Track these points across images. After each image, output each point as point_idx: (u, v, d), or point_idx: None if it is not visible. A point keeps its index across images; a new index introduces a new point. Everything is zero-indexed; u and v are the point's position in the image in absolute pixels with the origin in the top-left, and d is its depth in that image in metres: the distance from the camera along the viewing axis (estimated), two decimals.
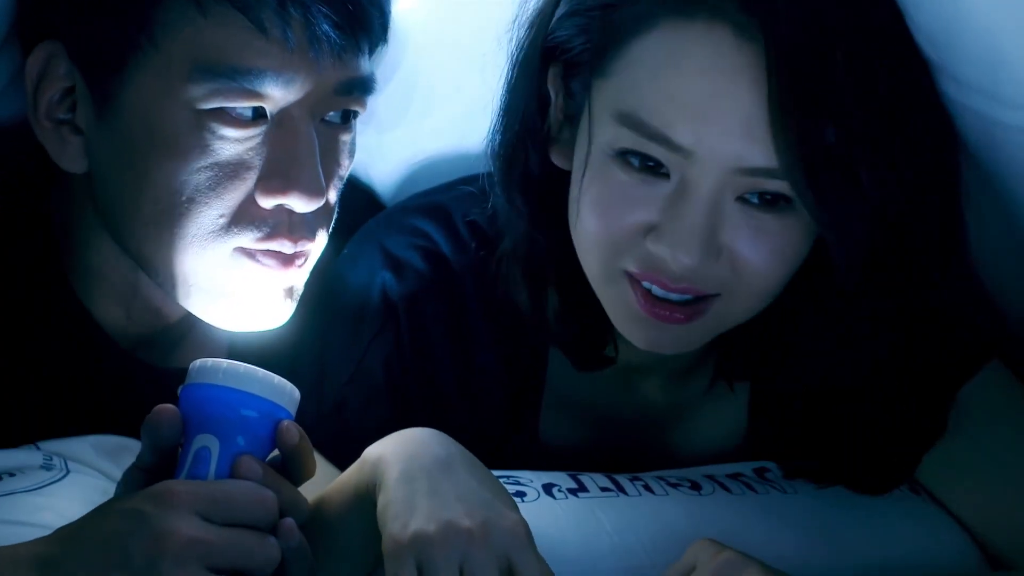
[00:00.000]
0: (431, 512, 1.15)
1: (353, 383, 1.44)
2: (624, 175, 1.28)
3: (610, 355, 1.46)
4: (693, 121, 1.23)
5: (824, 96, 1.22)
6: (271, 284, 1.36)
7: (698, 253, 1.25)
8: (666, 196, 1.26)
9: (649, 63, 1.26)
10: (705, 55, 1.23)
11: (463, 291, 1.46)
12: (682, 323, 1.31)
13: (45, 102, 1.34)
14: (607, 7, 1.29)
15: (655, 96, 1.25)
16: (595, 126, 1.30)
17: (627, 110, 1.26)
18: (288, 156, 1.32)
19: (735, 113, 1.22)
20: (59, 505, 1.28)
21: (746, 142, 1.23)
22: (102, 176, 1.35)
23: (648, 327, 1.32)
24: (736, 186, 1.25)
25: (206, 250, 1.32)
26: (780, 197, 1.26)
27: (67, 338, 1.41)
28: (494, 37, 1.39)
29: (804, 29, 1.21)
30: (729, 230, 1.26)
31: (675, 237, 1.26)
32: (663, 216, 1.27)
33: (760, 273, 1.29)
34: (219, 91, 1.28)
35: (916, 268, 1.33)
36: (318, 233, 1.37)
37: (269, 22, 1.28)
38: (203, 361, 1.18)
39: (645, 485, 1.43)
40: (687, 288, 1.29)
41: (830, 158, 1.22)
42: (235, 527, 1.11)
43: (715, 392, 1.51)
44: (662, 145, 1.24)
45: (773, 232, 1.27)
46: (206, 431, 1.16)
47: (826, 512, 1.45)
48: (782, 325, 1.40)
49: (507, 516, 1.17)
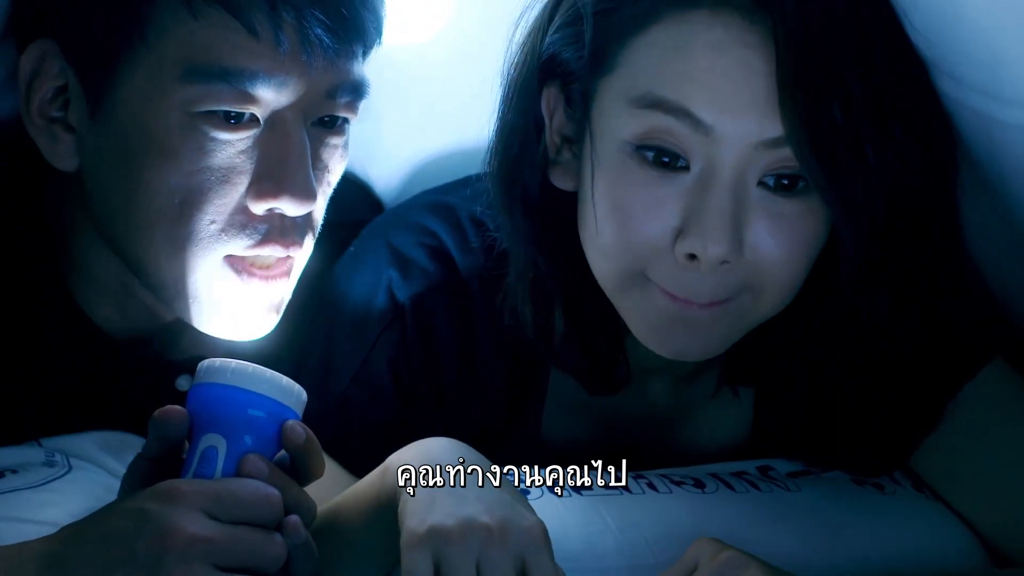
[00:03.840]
0: (451, 508, 1.15)
1: (358, 381, 1.44)
2: (641, 171, 1.28)
3: (621, 378, 1.46)
4: (711, 97, 1.24)
5: (828, 73, 1.23)
6: (258, 297, 1.36)
7: (727, 240, 1.25)
8: (688, 190, 1.27)
9: (658, 49, 1.27)
10: (716, 34, 1.24)
11: (469, 291, 1.46)
12: (706, 312, 1.30)
13: (38, 100, 1.33)
14: (604, 12, 1.29)
15: (670, 76, 1.26)
16: (606, 124, 1.30)
17: (642, 93, 1.27)
18: (280, 159, 1.31)
19: (751, 87, 1.24)
20: (62, 501, 1.28)
21: (764, 115, 1.24)
22: (94, 176, 1.35)
23: (673, 333, 1.32)
24: (756, 165, 1.26)
25: (196, 256, 1.32)
26: (798, 179, 1.27)
27: (64, 335, 1.41)
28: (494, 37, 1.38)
29: (808, 11, 1.23)
30: (753, 221, 1.27)
31: (702, 227, 1.26)
32: (687, 213, 1.27)
33: (782, 264, 1.29)
34: (211, 93, 1.28)
35: (918, 263, 1.34)
36: (306, 239, 1.36)
37: (260, 25, 1.27)
38: (211, 361, 1.18)
39: (649, 483, 1.43)
40: (713, 303, 1.29)
41: (836, 132, 1.23)
42: (240, 525, 1.11)
43: (721, 394, 1.51)
44: (683, 121, 1.25)
45: (793, 218, 1.28)
46: (213, 430, 1.16)
47: (830, 510, 1.45)
48: (787, 330, 1.40)
49: (526, 517, 1.17)
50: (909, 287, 1.36)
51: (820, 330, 1.39)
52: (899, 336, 1.39)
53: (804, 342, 1.41)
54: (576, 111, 1.34)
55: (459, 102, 1.58)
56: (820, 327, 1.39)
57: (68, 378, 1.41)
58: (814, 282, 1.34)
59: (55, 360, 1.41)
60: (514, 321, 1.43)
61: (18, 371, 1.38)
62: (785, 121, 1.23)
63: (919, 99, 1.30)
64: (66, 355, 1.41)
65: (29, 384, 1.39)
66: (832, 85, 1.23)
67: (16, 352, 1.38)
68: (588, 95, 1.32)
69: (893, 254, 1.32)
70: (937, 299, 1.40)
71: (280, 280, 1.36)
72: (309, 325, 1.48)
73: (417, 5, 1.56)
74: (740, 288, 1.30)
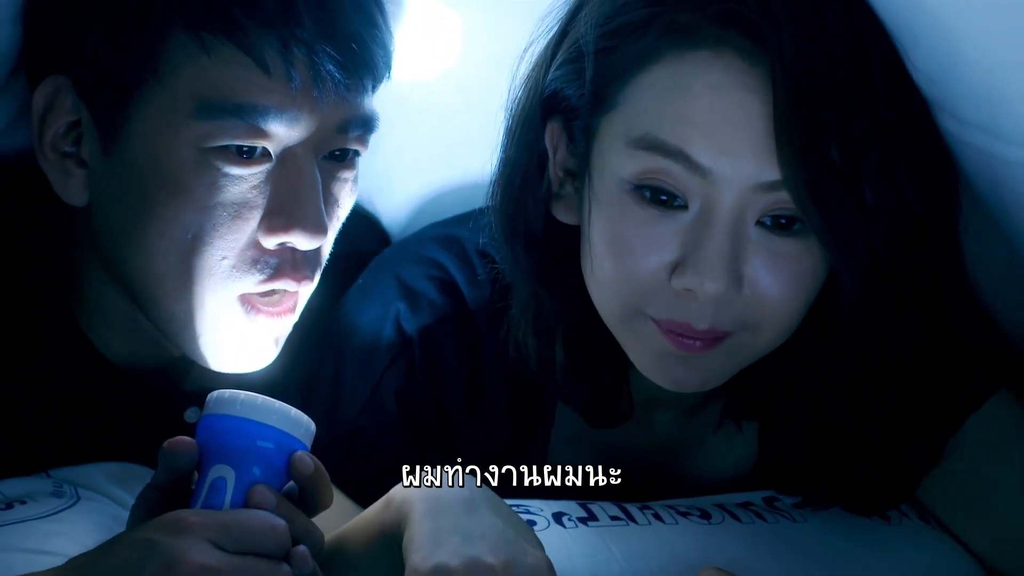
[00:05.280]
0: (455, 548, 1.15)
1: (366, 412, 1.45)
2: (640, 210, 1.28)
3: (623, 411, 1.46)
4: (710, 140, 1.24)
5: (827, 115, 1.23)
6: (262, 333, 1.36)
7: (725, 278, 1.26)
8: (686, 228, 1.27)
9: (658, 89, 1.27)
10: (715, 76, 1.24)
11: (476, 323, 1.46)
12: (705, 351, 1.31)
13: (51, 134, 1.34)
14: (605, 50, 1.29)
15: (669, 118, 1.25)
16: (606, 161, 1.30)
17: (641, 134, 1.27)
18: (291, 194, 1.32)
19: (749, 130, 1.23)
20: (70, 532, 1.28)
21: (762, 157, 1.23)
22: (105, 211, 1.35)
23: (673, 365, 1.32)
24: (754, 206, 1.26)
25: (207, 291, 1.33)
26: (796, 219, 1.27)
27: (72, 366, 1.41)
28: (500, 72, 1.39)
29: (808, 51, 1.23)
30: (751, 258, 1.27)
31: (700, 265, 1.26)
32: (685, 249, 1.27)
33: (781, 301, 1.29)
34: (223, 128, 1.28)
35: (920, 298, 1.34)
36: (316, 273, 1.37)
37: (272, 61, 1.28)
38: (220, 392, 1.19)
39: (655, 514, 1.43)
40: (711, 331, 1.29)
41: (835, 175, 1.23)
42: (248, 555, 1.11)
43: (724, 427, 1.51)
44: (680, 164, 1.25)
45: (791, 257, 1.28)
46: (222, 461, 1.17)
47: (836, 541, 1.45)
48: (787, 365, 1.40)
49: (530, 554, 1.17)
50: (911, 321, 1.36)
51: (820, 365, 1.39)
52: (902, 369, 1.39)
53: (804, 377, 1.41)
54: (578, 146, 1.34)
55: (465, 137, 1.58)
56: (820, 362, 1.39)
57: (76, 409, 1.42)
58: (814, 317, 1.34)
59: (64, 391, 1.41)
60: (518, 354, 1.44)
61: (27, 401, 1.39)
62: (782, 165, 1.23)
63: (921, 137, 1.30)
64: (74, 386, 1.41)
65: (38, 415, 1.39)
66: (831, 127, 1.23)
67: (25, 382, 1.39)
68: (589, 132, 1.32)
69: (894, 290, 1.32)
70: (940, 332, 1.40)
71: (286, 316, 1.37)
72: (317, 356, 1.49)
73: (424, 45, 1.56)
74: (739, 324, 1.30)
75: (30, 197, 1.40)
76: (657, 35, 1.27)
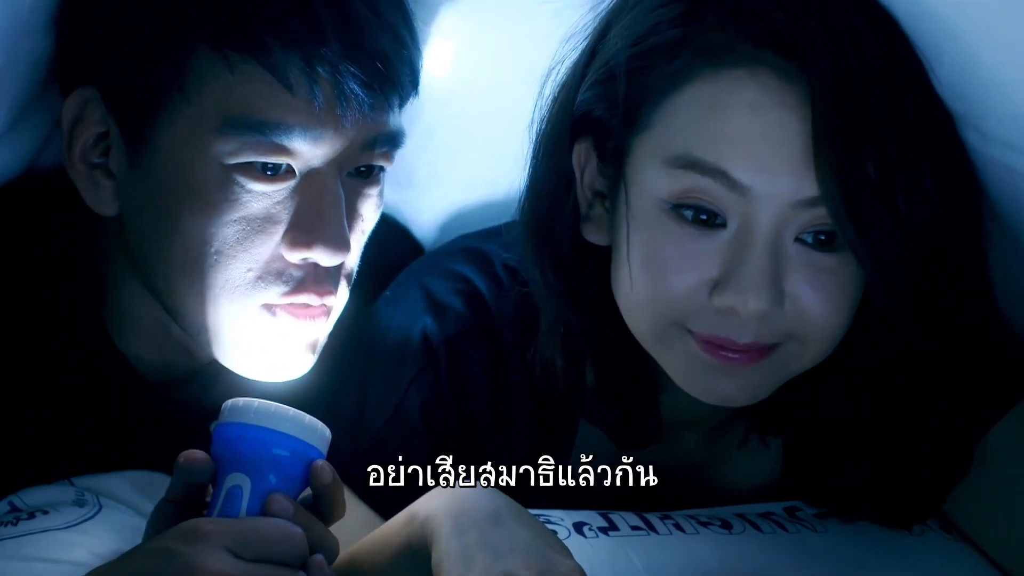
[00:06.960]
0: (488, 565, 1.14)
1: (391, 424, 1.44)
2: (678, 228, 1.28)
3: (652, 433, 1.45)
4: (748, 158, 1.24)
5: (863, 131, 1.23)
6: (295, 337, 1.37)
7: (767, 296, 1.26)
8: (725, 245, 1.27)
9: (694, 109, 1.26)
10: (752, 95, 1.24)
11: (502, 337, 1.46)
12: (749, 364, 1.31)
13: (79, 146, 1.35)
14: (638, 71, 1.29)
15: (706, 137, 1.25)
16: (641, 180, 1.30)
17: (678, 153, 1.26)
18: (314, 210, 1.32)
19: (788, 147, 1.23)
20: (92, 543, 1.29)
21: (801, 174, 1.24)
22: (133, 221, 1.37)
23: (717, 379, 1.32)
24: (793, 223, 1.26)
25: (233, 303, 1.33)
26: (835, 234, 1.27)
27: (100, 376, 1.42)
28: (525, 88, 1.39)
29: (845, 68, 1.23)
30: (792, 274, 1.27)
31: (742, 284, 1.26)
32: (725, 267, 1.27)
33: (825, 315, 1.29)
34: (248, 145, 1.29)
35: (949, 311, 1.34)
36: (340, 286, 1.38)
37: (296, 80, 1.29)
38: (235, 400, 1.20)
39: (676, 524, 1.43)
40: (754, 344, 1.29)
41: (872, 190, 1.24)
42: (265, 563, 1.12)
43: (749, 443, 1.50)
44: (719, 182, 1.25)
45: (831, 271, 1.28)
46: (238, 470, 1.18)
47: (857, 551, 1.44)
48: (814, 379, 1.39)
49: (562, 563, 1.16)
50: (939, 335, 1.36)
51: (847, 380, 1.39)
52: (927, 382, 1.40)
53: (830, 391, 1.41)
54: (609, 167, 1.34)
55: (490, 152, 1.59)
56: (847, 377, 1.39)
57: (103, 418, 1.43)
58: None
59: (90, 401, 1.42)
60: (544, 373, 1.43)
61: (54, 410, 1.40)
62: (820, 181, 1.23)
63: (947, 152, 1.30)
64: (102, 396, 1.42)
65: (63, 423, 1.40)
66: (867, 143, 1.23)
67: (51, 390, 1.40)
68: (622, 152, 1.32)
69: (924, 305, 1.32)
70: (965, 345, 1.39)
71: (318, 319, 1.37)
72: (344, 367, 1.49)
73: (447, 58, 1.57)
74: (784, 336, 1.30)
75: (65, 208, 1.42)
76: (691, 55, 1.27)
